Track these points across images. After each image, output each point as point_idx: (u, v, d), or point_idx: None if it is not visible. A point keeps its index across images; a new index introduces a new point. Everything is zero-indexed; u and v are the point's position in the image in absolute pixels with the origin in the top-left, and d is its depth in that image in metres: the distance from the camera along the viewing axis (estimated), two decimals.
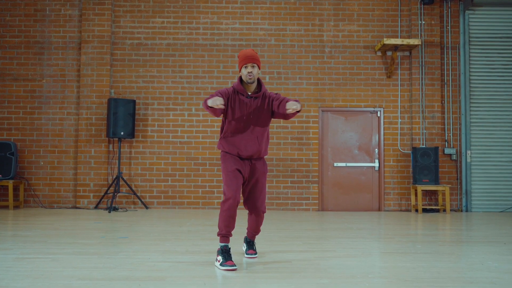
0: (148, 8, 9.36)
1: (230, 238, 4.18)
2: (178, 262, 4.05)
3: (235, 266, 3.83)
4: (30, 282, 3.33)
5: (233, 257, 4.05)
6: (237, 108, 4.10)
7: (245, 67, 4.09)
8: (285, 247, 4.88)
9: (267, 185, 4.38)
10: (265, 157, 4.52)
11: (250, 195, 4.19)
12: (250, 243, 4.42)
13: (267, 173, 4.37)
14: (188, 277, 3.51)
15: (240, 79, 4.17)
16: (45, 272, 3.61)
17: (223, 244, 4.01)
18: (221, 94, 4.09)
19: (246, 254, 4.37)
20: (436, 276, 3.60)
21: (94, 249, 4.63)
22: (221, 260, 3.90)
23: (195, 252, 4.56)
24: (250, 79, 4.07)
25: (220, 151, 4.41)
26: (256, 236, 5.25)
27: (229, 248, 4.00)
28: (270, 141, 8.95)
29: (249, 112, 4.10)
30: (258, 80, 4.20)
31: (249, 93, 4.15)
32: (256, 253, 4.38)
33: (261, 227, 4.48)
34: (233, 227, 4.04)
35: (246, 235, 4.51)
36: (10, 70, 9.26)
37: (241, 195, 4.13)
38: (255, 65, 4.09)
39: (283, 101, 4.09)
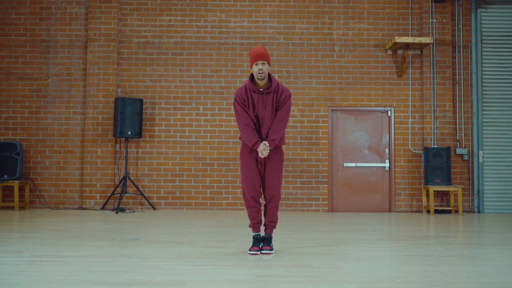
0: (156, 6, 9.23)
1: (260, 227, 4.62)
2: (196, 266, 3.91)
3: (257, 251, 4.40)
4: (45, 287, 3.19)
5: (245, 263, 3.93)
6: (251, 105, 4.38)
7: (256, 64, 4.32)
8: (302, 249, 4.73)
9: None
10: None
11: (266, 182, 4.45)
12: (266, 240, 4.52)
13: (283, 162, 4.58)
14: (209, 282, 3.37)
15: (251, 76, 4.42)
16: (59, 276, 3.47)
17: (253, 233, 4.56)
18: (240, 105, 4.38)
19: (262, 250, 4.46)
20: (466, 281, 3.46)
21: (106, 252, 4.49)
22: (250, 246, 4.57)
23: (211, 254, 4.42)
24: (260, 75, 4.31)
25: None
26: (273, 235, 5.13)
27: (259, 237, 4.50)
28: None
29: (262, 107, 4.36)
30: (269, 75, 4.41)
31: (261, 89, 4.38)
32: (272, 249, 4.48)
33: (277, 224, 4.65)
34: (258, 219, 4.51)
35: (264, 231, 4.59)
36: (16, 69, 9.12)
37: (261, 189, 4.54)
38: (265, 62, 4.33)
39: (275, 118, 4.41)
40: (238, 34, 9.24)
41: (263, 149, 4.29)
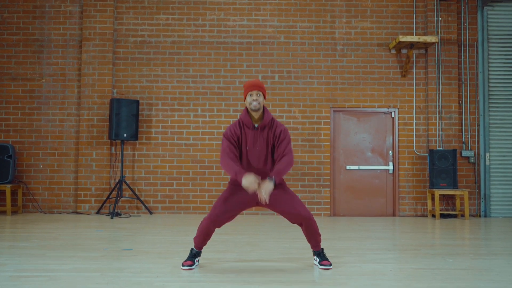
0: (152, 4, 8.96)
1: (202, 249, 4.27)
2: (190, 282, 3.64)
3: (191, 266, 4.07)
4: None
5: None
6: (245, 142, 4.06)
7: (250, 95, 4.04)
8: (304, 261, 4.47)
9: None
10: None
11: (286, 213, 4.06)
12: (320, 254, 4.22)
13: (286, 185, 4.19)
14: None
15: (247, 110, 4.09)
16: None
17: (194, 248, 4.18)
18: (229, 140, 4.02)
19: (320, 265, 4.16)
20: None
21: (96, 265, 4.22)
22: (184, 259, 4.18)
23: (207, 267, 4.15)
24: (255, 106, 4.00)
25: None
26: (270, 246, 4.87)
27: (197, 253, 4.16)
28: None
29: (257, 145, 4.05)
30: (264, 109, 4.10)
31: (256, 125, 4.07)
32: (331, 264, 4.16)
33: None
34: (205, 244, 4.17)
35: (311, 248, 4.28)
36: (8, 69, 8.86)
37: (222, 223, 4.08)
38: (260, 93, 4.04)
39: (280, 154, 4.03)
40: (238, 33, 8.97)
41: (265, 189, 3.78)
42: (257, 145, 4.04)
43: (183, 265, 4.08)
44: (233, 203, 4.00)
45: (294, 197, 4.08)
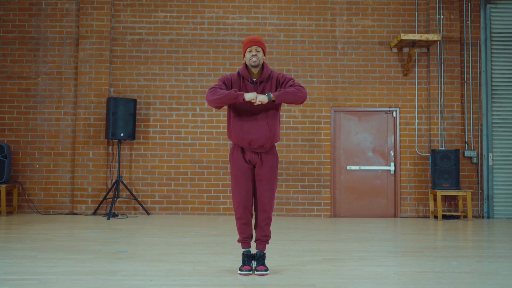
0: (150, 2, 8.82)
1: (251, 242, 4.09)
2: (185, 286, 3.50)
3: (250, 271, 3.89)
4: None
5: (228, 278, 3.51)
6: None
7: (249, 50, 3.91)
8: (303, 264, 4.33)
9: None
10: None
11: (258, 195, 3.97)
12: (259, 258, 3.97)
13: (278, 167, 4.05)
14: None
15: (246, 65, 3.98)
16: None
17: (243, 249, 4.03)
18: (224, 82, 3.92)
19: (256, 271, 3.91)
20: None
21: (88, 267, 4.08)
22: (240, 265, 4.01)
23: (203, 271, 4.01)
24: (254, 62, 3.86)
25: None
26: (269, 248, 4.74)
27: (249, 253, 4.00)
28: (279, 142, 8.42)
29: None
30: (263, 64, 3.96)
31: (255, 79, 3.94)
32: (267, 269, 3.92)
33: (272, 235, 4.16)
34: (249, 233, 4.02)
35: (256, 248, 4.05)
36: (4, 67, 8.72)
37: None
38: (259, 49, 3.91)
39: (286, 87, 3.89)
40: (237, 31, 8.83)
41: (258, 96, 3.73)
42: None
43: (240, 270, 3.90)
44: (241, 175, 3.92)
45: (272, 186, 3.97)
